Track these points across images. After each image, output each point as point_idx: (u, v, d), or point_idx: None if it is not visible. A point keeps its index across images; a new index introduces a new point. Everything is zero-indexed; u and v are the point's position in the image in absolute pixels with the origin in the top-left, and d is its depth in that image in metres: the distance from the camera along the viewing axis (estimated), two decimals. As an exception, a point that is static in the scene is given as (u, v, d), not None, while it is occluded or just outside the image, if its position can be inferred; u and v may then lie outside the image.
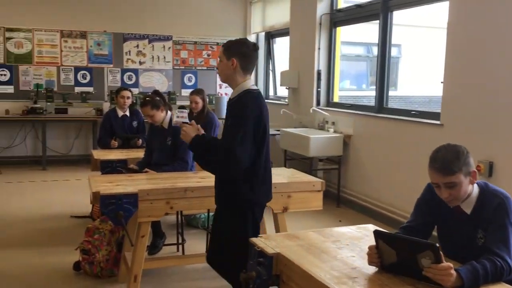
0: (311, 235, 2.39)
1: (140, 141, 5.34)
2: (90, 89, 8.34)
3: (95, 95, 8.23)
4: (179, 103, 8.52)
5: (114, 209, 3.09)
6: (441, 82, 4.55)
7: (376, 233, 1.94)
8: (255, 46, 2.71)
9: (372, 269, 1.97)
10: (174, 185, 3.38)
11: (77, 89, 8.28)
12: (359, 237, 2.39)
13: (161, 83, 8.86)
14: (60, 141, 8.32)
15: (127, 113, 5.52)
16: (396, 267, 1.89)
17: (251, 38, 9.16)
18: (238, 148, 2.49)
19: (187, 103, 8.56)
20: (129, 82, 8.62)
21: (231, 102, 2.69)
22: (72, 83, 8.33)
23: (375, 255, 1.94)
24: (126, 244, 3.69)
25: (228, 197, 2.71)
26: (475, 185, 2.10)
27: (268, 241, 2.27)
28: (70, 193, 6.27)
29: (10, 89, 8.02)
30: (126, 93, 5.54)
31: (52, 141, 8.11)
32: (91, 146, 8.29)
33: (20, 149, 8.08)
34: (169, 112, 4.15)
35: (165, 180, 3.60)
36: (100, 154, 4.72)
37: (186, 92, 8.80)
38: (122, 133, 5.41)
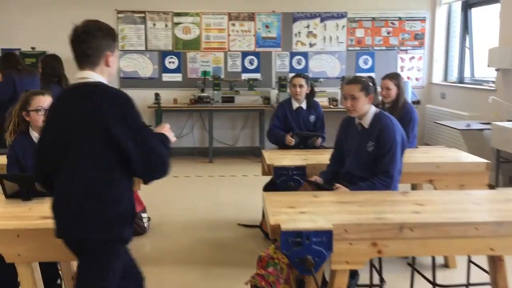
0: None
1: (320, 140, 4.41)
2: (258, 75, 7.70)
3: (262, 82, 7.57)
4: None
5: (301, 252, 2.20)
6: None
7: None
8: (75, 29, 2.10)
9: None
10: (382, 217, 2.36)
11: (244, 76, 7.70)
12: None
13: (332, 67, 7.87)
14: (227, 131, 7.85)
15: (303, 105, 4.60)
16: None
17: (442, 9, 7.65)
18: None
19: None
20: (298, 67, 7.79)
21: None
22: (239, 69, 7.77)
23: None
24: (311, 286, 2.81)
25: None
26: None
27: None
28: (237, 193, 5.67)
29: (178, 77, 7.73)
30: (299, 80, 4.60)
31: (218, 131, 7.67)
32: (258, 138, 7.70)
33: (187, 140, 7.80)
34: (372, 108, 3.10)
35: (365, 206, 2.59)
36: (272, 158, 3.88)
37: (361, 77, 7.70)
38: (297, 128, 4.53)
